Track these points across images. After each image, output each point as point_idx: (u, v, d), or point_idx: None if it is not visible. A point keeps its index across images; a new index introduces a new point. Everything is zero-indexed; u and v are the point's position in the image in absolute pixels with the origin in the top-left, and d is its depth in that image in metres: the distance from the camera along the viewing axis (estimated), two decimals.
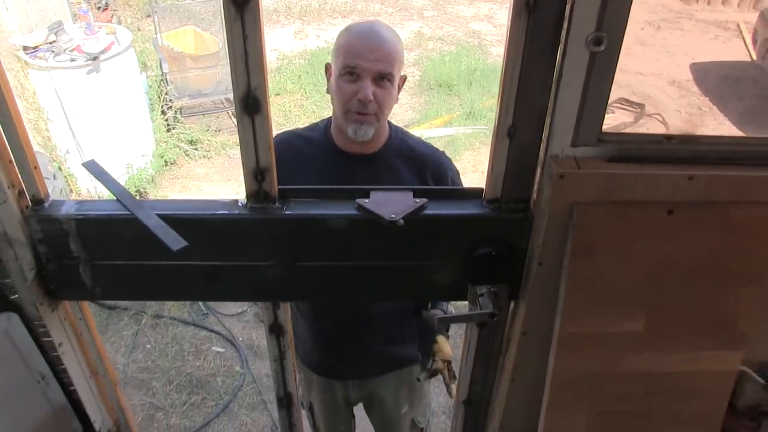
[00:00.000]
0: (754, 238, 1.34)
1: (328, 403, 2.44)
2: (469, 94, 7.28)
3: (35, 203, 1.42)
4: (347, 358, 2.23)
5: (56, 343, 1.61)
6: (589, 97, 1.22)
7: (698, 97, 7.66)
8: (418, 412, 2.47)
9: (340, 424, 2.59)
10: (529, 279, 1.41)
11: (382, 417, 2.46)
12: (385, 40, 1.84)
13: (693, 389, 1.48)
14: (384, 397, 2.35)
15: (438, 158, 2.04)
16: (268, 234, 1.39)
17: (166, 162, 5.78)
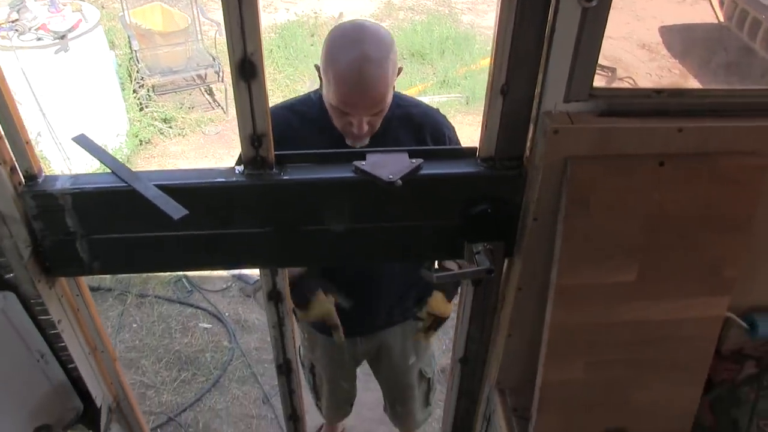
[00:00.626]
0: (741, 187, 1.37)
1: (334, 361, 2.48)
2: (442, 63, 7.27)
3: (28, 179, 1.40)
4: (357, 315, 2.24)
5: (55, 321, 1.61)
6: (581, 52, 1.24)
7: (668, 59, 7.72)
8: (425, 362, 2.53)
9: (344, 382, 2.64)
10: (524, 234, 1.44)
11: (390, 368, 2.50)
12: (376, 81, 1.76)
13: (683, 336, 1.53)
14: (392, 348, 2.39)
15: (434, 118, 2.05)
16: (266, 200, 1.40)
17: (141, 141, 5.71)
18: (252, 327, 3.99)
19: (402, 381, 2.53)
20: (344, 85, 1.76)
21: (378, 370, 2.59)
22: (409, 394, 2.59)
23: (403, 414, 2.72)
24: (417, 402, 2.64)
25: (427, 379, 2.58)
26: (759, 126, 1.34)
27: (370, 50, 1.75)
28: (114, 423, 1.97)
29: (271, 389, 3.59)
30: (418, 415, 2.71)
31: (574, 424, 1.63)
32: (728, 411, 1.69)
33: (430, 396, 2.67)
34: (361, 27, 1.81)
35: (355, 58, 1.74)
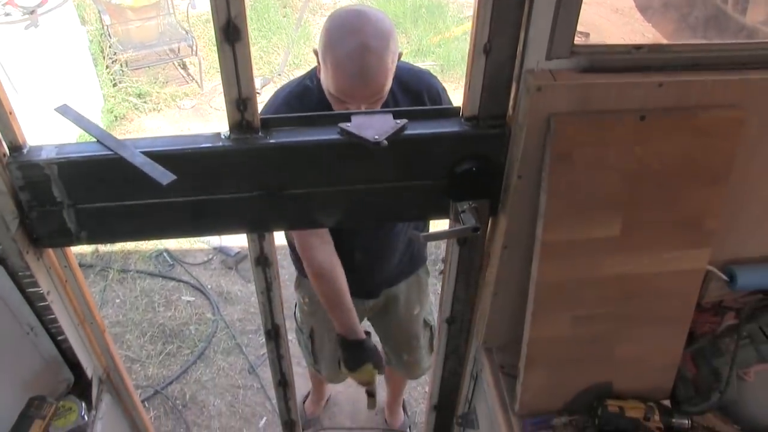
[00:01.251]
0: (720, 139, 1.40)
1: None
2: (415, 32, 7.24)
3: (13, 150, 1.39)
4: (370, 281, 2.30)
5: (44, 292, 1.61)
6: (562, 9, 1.25)
7: (641, 23, 7.74)
8: (427, 310, 2.58)
9: None
10: (508, 192, 1.46)
11: (397, 320, 2.54)
12: (376, 72, 1.74)
13: (666, 289, 1.57)
14: (398, 301, 2.44)
15: (428, 82, 2.04)
16: (253, 164, 1.40)
17: (116, 117, 5.65)
18: (235, 299, 4.00)
19: (409, 331, 2.58)
20: (343, 76, 1.74)
21: (383, 323, 2.62)
22: (416, 344, 2.64)
23: (411, 362, 2.76)
24: (423, 349, 2.69)
25: (430, 326, 2.63)
26: (737, 79, 1.36)
27: (371, 40, 1.73)
28: (105, 394, 1.98)
29: (257, 359, 3.62)
30: (424, 361, 2.76)
31: (560, 379, 1.66)
32: (709, 362, 1.73)
33: (433, 342, 2.71)
34: (362, 15, 1.78)
35: (355, 49, 1.71)
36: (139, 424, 2.25)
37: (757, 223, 1.62)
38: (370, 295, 2.43)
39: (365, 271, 2.29)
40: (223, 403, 3.42)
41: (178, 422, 3.33)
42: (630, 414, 1.61)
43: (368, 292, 2.41)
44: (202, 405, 3.41)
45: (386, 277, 2.39)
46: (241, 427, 3.32)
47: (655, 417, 1.61)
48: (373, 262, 2.25)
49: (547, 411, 1.69)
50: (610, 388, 1.68)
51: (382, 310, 2.54)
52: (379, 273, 2.33)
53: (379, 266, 2.31)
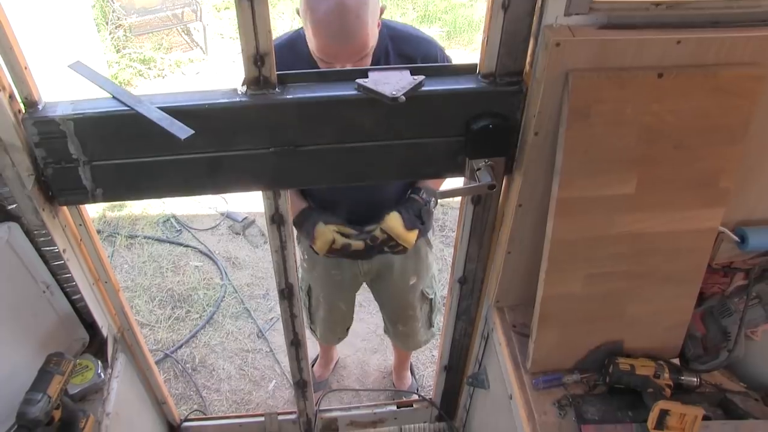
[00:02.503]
0: (738, 98, 1.40)
1: (334, 281, 2.50)
2: None
3: (28, 106, 1.39)
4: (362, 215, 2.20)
5: (60, 250, 1.62)
6: None
7: None
8: (426, 283, 2.56)
9: (341, 302, 2.67)
10: (524, 150, 1.46)
11: (391, 288, 2.54)
12: (356, 30, 1.70)
13: (679, 248, 1.57)
14: (392, 268, 2.42)
15: (425, 50, 1.98)
16: (269, 120, 1.40)
17: (120, 83, 5.61)
18: (242, 264, 4.01)
19: (403, 300, 2.57)
20: (323, 37, 1.71)
21: (379, 290, 2.63)
22: (411, 314, 2.64)
23: (405, 333, 2.77)
24: (419, 322, 2.69)
25: (429, 299, 2.63)
26: (757, 36, 1.35)
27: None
28: (120, 353, 2.00)
29: (265, 324, 3.64)
30: (420, 335, 2.77)
31: (573, 337, 1.68)
32: (718, 321, 1.75)
33: (432, 317, 2.72)
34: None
35: (332, 9, 1.67)
36: (153, 383, 2.28)
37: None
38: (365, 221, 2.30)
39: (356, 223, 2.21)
40: (232, 367, 3.45)
41: (188, 385, 3.36)
42: (640, 372, 1.63)
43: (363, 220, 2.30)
44: (211, 368, 3.44)
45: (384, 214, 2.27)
46: (251, 389, 3.35)
47: (664, 374, 1.63)
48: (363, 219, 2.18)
49: (558, 369, 1.71)
50: (621, 346, 1.69)
51: (376, 277, 2.53)
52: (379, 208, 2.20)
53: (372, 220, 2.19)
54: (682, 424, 1.52)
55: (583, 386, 1.69)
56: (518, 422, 1.67)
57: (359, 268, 2.43)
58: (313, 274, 2.53)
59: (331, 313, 2.71)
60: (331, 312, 2.70)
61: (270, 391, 3.33)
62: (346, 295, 2.66)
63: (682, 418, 1.51)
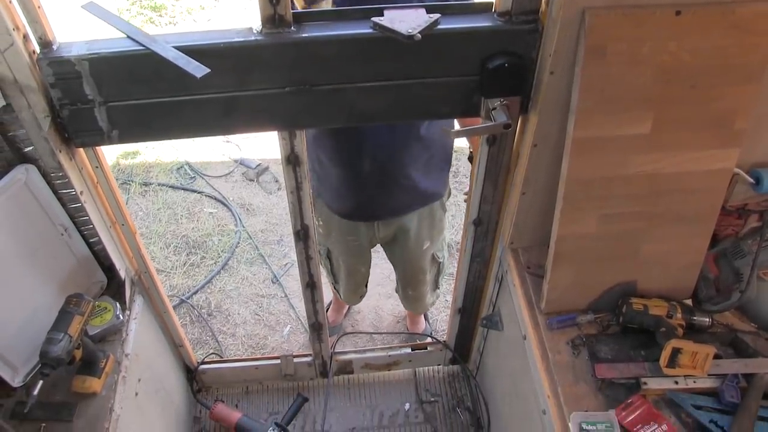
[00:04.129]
0: (756, 36, 1.38)
1: (351, 245, 2.51)
2: None
3: (43, 46, 1.39)
4: (380, 198, 2.26)
5: (77, 192, 1.64)
6: None
7: None
8: (437, 246, 2.58)
9: (360, 265, 2.69)
10: (540, 89, 1.46)
11: (405, 252, 2.54)
12: None
13: (694, 188, 1.57)
14: (408, 233, 2.43)
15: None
16: (285, 59, 1.40)
17: None
18: (257, 210, 4.04)
19: (416, 265, 2.59)
20: None
21: (393, 253, 2.63)
22: (421, 278, 2.66)
23: (414, 297, 2.80)
24: (427, 286, 2.72)
25: (438, 263, 2.64)
26: None
27: None
28: (137, 295, 2.04)
29: (280, 269, 3.68)
30: (427, 298, 2.80)
31: (587, 277, 1.69)
32: (731, 263, 1.75)
33: (439, 279, 2.75)
34: None
35: None
36: (170, 325, 2.32)
37: None
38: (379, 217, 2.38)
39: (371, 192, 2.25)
40: (247, 312, 3.49)
41: (204, 330, 3.41)
42: (653, 312, 1.65)
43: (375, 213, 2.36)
44: (227, 314, 3.49)
45: (397, 201, 2.32)
46: (266, 334, 3.40)
47: (677, 315, 1.65)
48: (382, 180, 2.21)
49: (572, 309, 1.73)
50: (635, 287, 1.71)
51: (392, 240, 2.54)
52: (389, 195, 2.28)
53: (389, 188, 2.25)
54: (693, 362, 1.54)
55: (597, 326, 1.71)
56: (532, 362, 1.70)
57: (375, 232, 2.43)
58: (330, 239, 2.54)
59: (352, 276, 2.74)
60: (351, 275, 2.73)
61: (285, 336, 3.39)
62: (365, 258, 2.67)
63: (693, 356, 1.54)
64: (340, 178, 2.19)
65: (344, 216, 2.34)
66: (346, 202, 2.29)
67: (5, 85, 1.38)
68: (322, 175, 2.23)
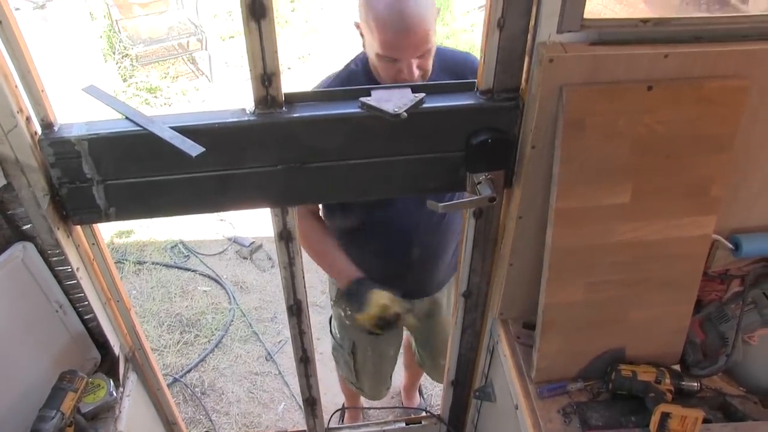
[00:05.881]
0: (725, 108, 1.46)
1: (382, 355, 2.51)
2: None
3: (45, 127, 1.45)
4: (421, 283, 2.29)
5: (73, 269, 1.66)
6: None
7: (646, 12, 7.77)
8: None
9: (391, 348, 2.64)
10: (523, 162, 1.52)
11: (439, 324, 2.54)
12: (419, 19, 1.74)
13: (675, 254, 1.62)
14: (442, 305, 2.45)
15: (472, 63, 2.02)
16: (277, 138, 1.46)
17: None
18: (250, 287, 4.06)
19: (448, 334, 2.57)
20: (387, 30, 1.75)
21: (426, 327, 2.58)
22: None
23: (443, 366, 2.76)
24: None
25: None
26: (739, 50, 1.41)
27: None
28: (131, 372, 2.04)
29: (273, 347, 3.67)
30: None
31: (575, 345, 1.72)
32: (716, 327, 1.78)
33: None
34: None
35: (392, 2, 1.73)
36: (164, 403, 2.31)
37: (759, 192, 1.67)
38: (420, 293, 2.40)
39: (421, 269, 2.26)
40: (241, 390, 3.48)
41: (197, 409, 3.39)
42: (642, 378, 1.66)
43: (419, 291, 2.38)
44: (220, 392, 3.47)
45: (440, 277, 2.38)
46: (260, 412, 3.38)
47: (666, 380, 1.66)
48: (431, 259, 2.24)
49: (563, 377, 1.74)
50: (623, 353, 1.73)
51: (426, 314, 2.53)
52: (435, 272, 2.31)
53: (435, 264, 2.29)
54: (683, 426, 1.55)
55: (587, 393, 1.72)
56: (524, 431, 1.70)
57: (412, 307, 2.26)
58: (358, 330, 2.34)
59: (382, 362, 2.68)
60: (382, 362, 2.67)
61: (279, 413, 3.36)
62: (396, 340, 2.65)
63: (683, 421, 1.55)
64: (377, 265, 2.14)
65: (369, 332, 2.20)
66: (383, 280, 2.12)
67: (7, 165, 1.43)
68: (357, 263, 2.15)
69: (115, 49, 6.04)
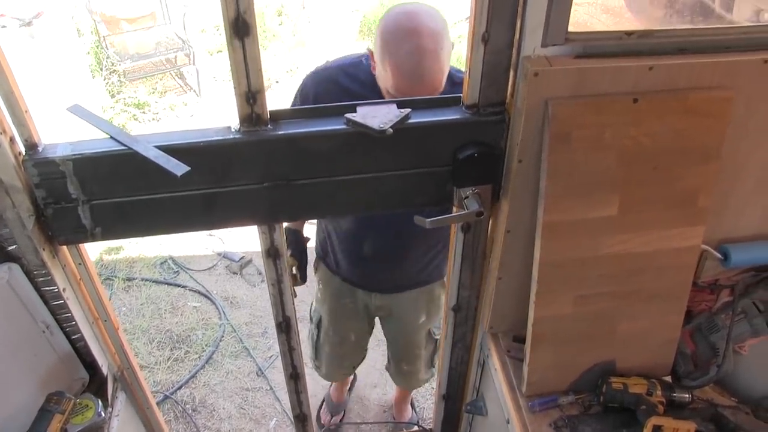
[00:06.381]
0: (711, 119, 1.46)
1: (346, 308, 2.54)
2: None
3: (29, 148, 1.44)
4: (378, 276, 2.35)
5: (60, 289, 1.65)
6: None
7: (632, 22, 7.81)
8: (435, 323, 2.59)
9: (351, 331, 2.68)
10: (510, 176, 1.52)
11: (401, 326, 2.57)
12: (434, 73, 1.79)
13: (664, 266, 1.62)
14: (405, 307, 2.47)
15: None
16: (262, 156, 1.45)
17: None
18: (241, 303, 4.04)
19: (411, 339, 2.60)
20: (402, 78, 1.78)
21: (388, 326, 2.65)
22: (417, 353, 2.66)
23: (409, 372, 2.78)
24: (423, 361, 2.71)
25: (435, 340, 2.65)
26: (723, 61, 1.42)
27: (427, 42, 1.75)
28: (120, 392, 2.02)
29: (264, 362, 3.65)
30: (422, 374, 2.78)
31: (566, 358, 1.71)
32: (707, 338, 1.78)
33: (434, 357, 2.74)
34: (416, 15, 1.79)
35: (412, 51, 1.75)
36: (154, 422, 2.29)
37: (746, 202, 1.67)
38: (378, 289, 2.46)
39: (374, 268, 2.33)
40: (232, 406, 3.45)
41: (188, 426, 3.36)
42: (633, 390, 1.66)
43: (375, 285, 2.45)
44: (211, 408, 3.45)
45: (399, 280, 2.41)
46: (252, 428, 3.35)
47: (657, 392, 1.66)
48: (385, 259, 2.29)
49: (554, 391, 1.73)
50: (614, 366, 1.73)
51: (388, 313, 2.57)
52: (391, 273, 2.35)
53: (390, 265, 2.33)
54: None
55: (578, 406, 1.72)
56: None
57: (371, 300, 2.47)
58: (326, 306, 2.56)
59: (341, 345, 2.72)
60: (340, 344, 2.71)
61: (271, 429, 3.34)
62: (358, 327, 2.67)
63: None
64: (342, 249, 2.27)
65: (345, 280, 2.40)
66: (348, 270, 2.37)
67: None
68: (328, 245, 2.31)
69: (102, 65, 6.03)
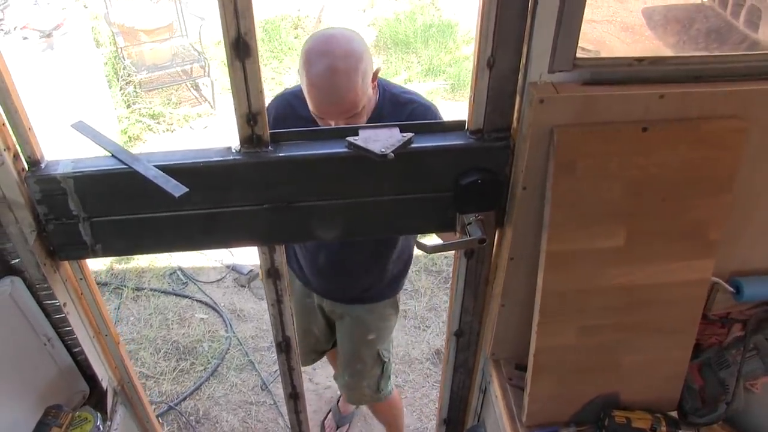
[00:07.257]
0: (723, 150, 1.42)
1: (307, 306, 2.62)
2: (426, 51, 7.30)
3: (31, 164, 1.44)
4: (329, 285, 2.44)
5: (60, 304, 1.65)
6: (564, 23, 1.28)
7: (652, 41, 7.77)
8: (384, 345, 2.61)
9: (314, 326, 2.71)
10: (514, 204, 1.49)
11: (349, 335, 2.60)
12: (345, 92, 1.85)
13: (671, 299, 1.58)
14: (356, 318, 2.51)
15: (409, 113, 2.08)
16: (262, 177, 1.44)
17: (130, 137, 5.73)
18: (248, 316, 4.03)
19: (356, 352, 2.61)
20: (315, 96, 1.87)
21: (340, 331, 2.66)
22: (359, 368, 2.65)
23: (351, 385, 2.75)
24: (366, 380, 2.68)
25: (383, 363, 2.64)
26: (737, 90, 1.38)
27: (338, 62, 1.83)
28: (119, 405, 2.01)
29: (269, 376, 3.63)
30: (364, 393, 2.75)
31: (568, 389, 1.68)
32: (716, 373, 1.74)
33: (382, 382, 2.71)
34: (331, 38, 1.89)
35: (323, 71, 1.83)
36: None
37: (761, 234, 1.63)
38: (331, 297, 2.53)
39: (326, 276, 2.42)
40: (236, 419, 3.43)
41: None
42: (637, 425, 1.62)
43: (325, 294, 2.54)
44: (215, 421, 3.43)
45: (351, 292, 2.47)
46: None
47: (661, 428, 1.62)
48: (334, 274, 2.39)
49: (554, 422, 1.70)
50: (617, 398, 1.69)
51: (339, 320, 2.61)
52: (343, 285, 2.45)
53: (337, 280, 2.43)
54: None
55: None
56: None
57: (324, 304, 2.57)
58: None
59: (305, 337, 2.75)
60: (305, 336, 2.74)
61: None
62: (319, 322, 2.70)
63: None
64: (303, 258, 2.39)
65: (303, 282, 2.54)
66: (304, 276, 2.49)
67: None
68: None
69: (119, 75, 6.06)
